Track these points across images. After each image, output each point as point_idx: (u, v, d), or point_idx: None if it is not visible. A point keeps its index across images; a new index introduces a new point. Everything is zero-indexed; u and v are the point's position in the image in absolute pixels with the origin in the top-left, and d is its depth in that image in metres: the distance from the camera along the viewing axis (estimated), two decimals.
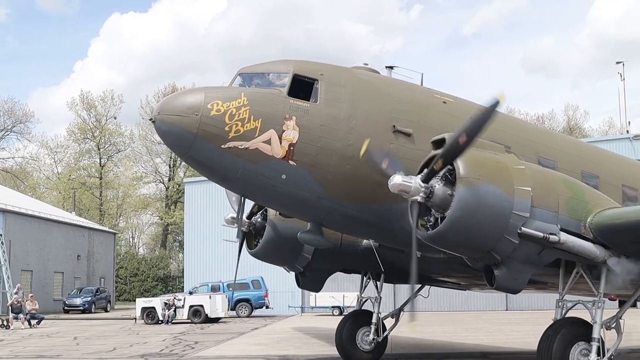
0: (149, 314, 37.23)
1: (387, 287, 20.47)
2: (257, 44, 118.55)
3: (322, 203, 13.27)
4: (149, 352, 21.51)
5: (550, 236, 11.50)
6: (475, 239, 11.44)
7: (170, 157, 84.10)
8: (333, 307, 42.82)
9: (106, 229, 71.03)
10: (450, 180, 11.56)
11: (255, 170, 12.66)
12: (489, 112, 10.78)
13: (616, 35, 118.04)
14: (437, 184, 11.57)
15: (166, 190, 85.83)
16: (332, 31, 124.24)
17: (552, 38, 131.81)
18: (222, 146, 12.43)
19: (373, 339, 18.06)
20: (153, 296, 51.83)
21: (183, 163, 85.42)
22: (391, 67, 15.40)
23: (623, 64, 47.06)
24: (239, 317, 42.11)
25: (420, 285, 19.54)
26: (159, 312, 36.95)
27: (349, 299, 42.71)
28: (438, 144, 12.19)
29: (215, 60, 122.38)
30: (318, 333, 28.67)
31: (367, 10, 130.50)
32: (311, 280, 18.02)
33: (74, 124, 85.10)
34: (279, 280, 45.67)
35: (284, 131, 12.64)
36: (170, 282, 76.94)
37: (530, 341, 23.28)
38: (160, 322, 36.78)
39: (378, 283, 18.73)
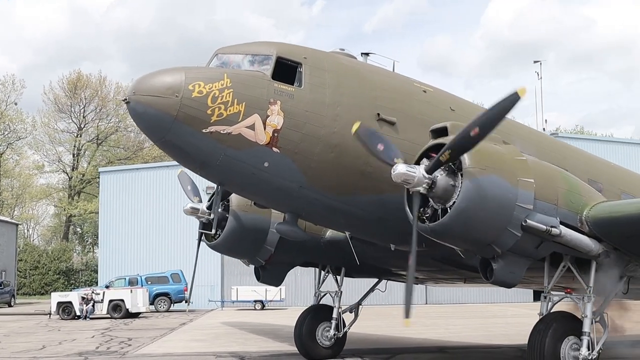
0: (65, 308, 35.47)
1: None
2: (156, 33, 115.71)
3: (304, 193, 12.63)
4: (84, 350, 20.39)
5: (552, 229, 11.28)
6: (478, 231, 11.08)
7: (74, 146, 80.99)
8: (255, 301, 42.04)
9: (8, 219, 67.64)
10: (453, 170, 11.14)
11: (237, 156, 11.88)
12: (507, 107, 10.22)
13: (509, 37, 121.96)
14: (439, 174, 11.13)
15: (69, 180, 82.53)
16: (233, 23, 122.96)
17: (448, 38, 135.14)
18: (203, 130, 11.58)
19: (334, 334, 17.54)
20: (54, 290, 49.62)
21: (87, 152, 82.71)
22: (367, 54, 14.80)
23: (540, 63, 48.21)
24: (157, 311, 40.70)
25: (377, 280, 19.24)
26: (76, 307, 35.21)
27: (272, 293, 42.17)
28: (438, 132, 11.76)
29: (112, 48, 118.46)
30: (253, 328, 27.99)
31: (269, 4, 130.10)
32: (272, 274, 17.30)
33: None
34: (198, 274, 44.42)
35: (268, 116, 11.90)
36: (74, 276, 74.02)
37: (477, 335, 23.44)
38: (77, 317, 35.11)
39: (338, 277, 18.17)
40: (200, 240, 16.42)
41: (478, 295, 47.64)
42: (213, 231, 13.48)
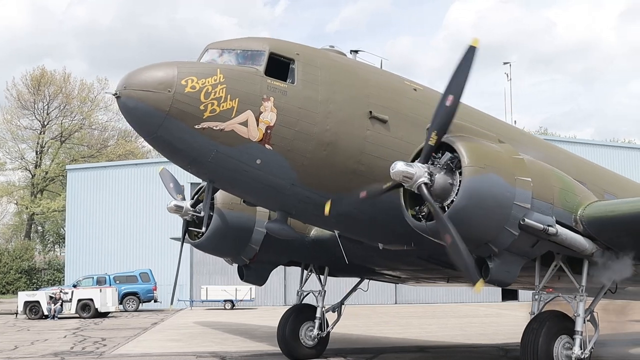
0: (32, 308, 34.84)
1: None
2: (117, 30, 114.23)
3: (295, 191, 12.48)
4: (59, 350, 20.01)
5: (549, 228, 11.27)
6: (476, 230, 11.02)
7: (38, 144, 79.60)
8: (225, 300, 41.67)
9: None
10: (451, 168, 11.07)
11: (229, 153, 11.68)
12: (468, 63, 10.51)
13: (471, 39, 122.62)
14: (437, 173, 11.05)
15: (32, 177, 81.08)
16: (196, 21, 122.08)
17: (411, 39, 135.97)
18: (196, 126, 11.36)
19: (317, 334, 17.39)
20: (16, 290, 48.78)
21: (51, 149, 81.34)
22: (356, 51, 14.69)
23: (510, 65, 48.63)
24: (126, 311, 40.14)
25: (359, 279, 19.15)
26: (44, 306, 34.60)
27: (242, 293, 41.94)
28: None
29: (73, 45, 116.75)
30: (227, 328, 27.70)
31: (232, 3, 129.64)
32: (256, 273, 17.10)
33: None
34: (167, 273, 44.07)
35: (261, 113, 11.71)
36: (36, 275, 72.72)
37: (455, 334, 23.48)
38: (45, 316, 34.49)
39: (322, 276, 18.03)
40: (183, 239, 16.13)
41: (446, 295, 47.88)
42: (204, 229, 13.23)
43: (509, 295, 48.42)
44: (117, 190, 45.48)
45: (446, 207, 10.97)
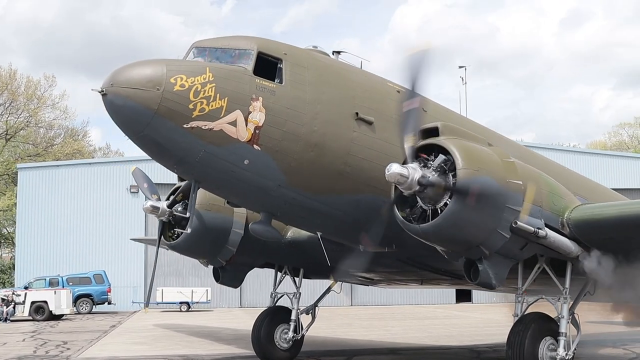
0: None
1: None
2: (60, 26, 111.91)
3: (282, 192, 12.36)
4: (22, 354, 19.52)
5: (539, 231, 11.38)
6: (469, 233, 11.07)
7: None
8: (181, 302, 41.13)
9: None
10: (444, 170, 11.07)
11: (217, 153, 11.50)
12: (420, 62, 11.03)
13: (416, 42, 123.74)
14: (430, 175, 11.04)
15: None
16: (141, 19, 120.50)
17: (356, 41, 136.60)
18: (184, 126, 11.16)
19: (292, 336, 17.25)
20: None
21: None
22: (338, 52, 14.61)
23: (465, 69, 49.09)
24: (79, 313, 39.29)
25: (332, 281, 19.07)
26: None
27: (198, 295, 41.50)
28: (428, 133, 11.65)
29: (13, 41, 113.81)
30: (190, 331, 27.40)
31: (179, 2, 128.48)
32: (232, 275, 16.92)
33: None
34: (121, 275, 43.42)
35: (250, 112, 11.57)
36: None
37: (421, 336, 23.57)
38: None
39: (296, 278, 17.90)
40: (160, 240, 15.86)
41: (402, 297, 48.14)
42: (188, 230, 12.95)
43: (463, 297, 48.97)
44: (70, 189, 44.47)
45: (439, 210, 10.98)
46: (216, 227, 15.72)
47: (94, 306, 40.48)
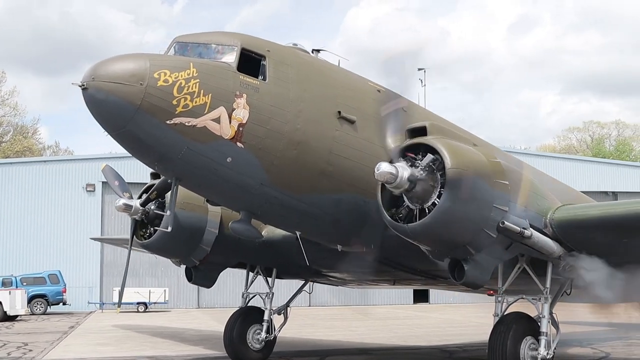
0: None
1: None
2: (7, 22, 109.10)
3: (264, 191, 12.19)
4: None
5: (525, 231, 11.42)
6: (457, 232, 11.05)
7: None
8: (138, 303, 40.48)
9: None
10: (432, 169, 11.02)
11: (200, 150, 11.29)
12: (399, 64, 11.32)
13: (367, 45, 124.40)
14: (419, 174, 10.99)
15: None
16: (91, 16, 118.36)
17: (308, 43, 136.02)
18: (168, 122, 10.93)
19: (265, 337, 17.08)
20: None
21: None
22: (318, 50, 14.51)
23: (425, 71, 49.22)
24: (34, 314, 38.38)
25: (304, 282, 19.02)
26: None
27: (155, 295, 40.98)
28: (415, 132, 11.61)
29: None
30: (153, 332, 26.94)
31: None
32: (205, 275, 16.66)
33: None
34: (75, 275, 42.57)
35: (234, 109, 11.39)
36: None
37: (388, 337, 23.60)
38: None
39: (269, 278, 17.72)
40: (132, 239, 15.53)
41: (359, 298, 48.01)
42: (169, 228, 12.67)
43: (420, 297, 49.29)
44: (24, 188, 43.43)
45: (427, 209, 10.94)
46: (191, 226, 15.48)
47: (48, 307, 39.61)
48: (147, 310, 40.86)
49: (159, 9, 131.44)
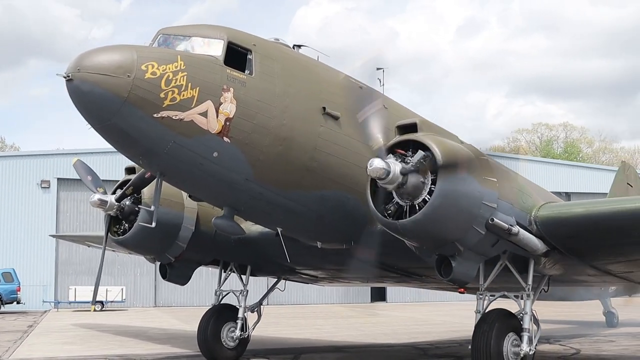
0: None
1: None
2: None
3: (249, 186, 12.07)
4: None
5: (512, 228, 11.52)
6: (447, 229, 11.07)
7: None
8: (96, 301, 39.81)
9: None
10: (423, 166, 11.02)
11: (187, 145, 11.12)
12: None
13: (317, 44, 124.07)
14: (409, 171, 10.95)
15: None
16: (34, 11, 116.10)
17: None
18: (155, 115, 10.73)
19: (239, 335, 16.92)
20: None
21: None
22: (299, 46, 14.41)
23: (383, 70, 49.31)
24: None
25: (277, 279, 18.92)
26: None
27: (112, 294, 40.48)
28: (404, 129, 11.60)
29: None
30: (116, 330, 26.51)
31: None
32: (180, 272, 16.43)
33: None
34: (30, 273, 41.69)
35: (221, 103, 11.23)
36: None
37: (357, 334, 23.61)
38: None
39: (243, 276, 17.58)
40: (107, 235, 15.21)
41: (317, 296, 48.08)
42: (153, 224, 12.42)
43: (377, 296, 49.53)
44: None
45: (417, 206, 10.94)
46: (167, 222, 15.18)
47: (2, 305, 38.70)
48: (103, 309, 40.23)
49: (106, 4, 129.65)
